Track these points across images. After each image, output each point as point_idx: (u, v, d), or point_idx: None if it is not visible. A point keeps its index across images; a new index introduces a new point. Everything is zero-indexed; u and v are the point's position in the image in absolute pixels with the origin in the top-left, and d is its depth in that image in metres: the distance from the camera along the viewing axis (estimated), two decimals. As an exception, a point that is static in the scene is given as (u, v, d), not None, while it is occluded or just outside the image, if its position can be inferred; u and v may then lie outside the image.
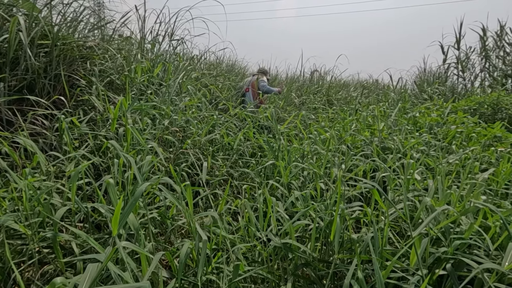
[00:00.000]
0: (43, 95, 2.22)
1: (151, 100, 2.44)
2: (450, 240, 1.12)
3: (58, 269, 1.08)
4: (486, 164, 2.02)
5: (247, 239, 1.36)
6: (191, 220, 1.13)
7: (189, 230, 1.45)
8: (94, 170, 1.87)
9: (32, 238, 1.07)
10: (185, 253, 0.99)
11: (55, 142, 1.91)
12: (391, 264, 0.91)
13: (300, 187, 1.77)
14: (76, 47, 2.49)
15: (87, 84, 2.34)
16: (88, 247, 1.18)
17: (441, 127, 2.69)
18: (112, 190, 1.01)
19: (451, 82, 5.19)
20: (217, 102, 3.30)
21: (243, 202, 1.48)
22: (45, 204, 1.12)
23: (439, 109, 3.32)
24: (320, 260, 1.20)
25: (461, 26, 5.03)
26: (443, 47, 5.27)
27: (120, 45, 3.07)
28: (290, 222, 1.16)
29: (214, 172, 2.15)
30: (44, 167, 1.32)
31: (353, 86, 6.29)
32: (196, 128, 2.25)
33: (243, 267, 1.11)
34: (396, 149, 2.00)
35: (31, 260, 1.09)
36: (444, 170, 1.58)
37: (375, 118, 2.65)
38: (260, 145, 2.49)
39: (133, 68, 2.58)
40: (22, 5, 2.26)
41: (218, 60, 5.55)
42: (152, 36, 3.32)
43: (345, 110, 3.48)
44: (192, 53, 4.18)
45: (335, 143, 2.13)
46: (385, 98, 4.67)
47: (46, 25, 2.27)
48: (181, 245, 1.29)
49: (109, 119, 2.10)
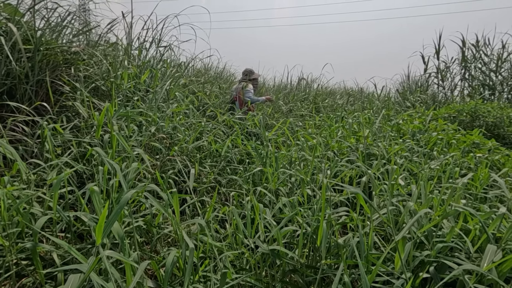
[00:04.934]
0: (24, 101, 2.15)
1: (137, 107, 2.41)
2: (432, 244, 1.15)
3: (38, 281, 1.04)
4: (465, 169, 2.10)
5: (235, 247, 1.35)
6: (178, 228, 1.11)
7: (175, 239, 1.42)
8: (78, 178, 1.82)
9: (10, 250, 1.03)
10: (171, 262, 0.97)
11: (36, 150, 1.85)
12: (376, 268, 0.92)
13: (287, 193, 1.78)
14: (60, 52, 2.45)
15: (71, 90, 2.29)
16: (69, 257, 1.14)
17: (423, 134, 2.78)
18: (96, 198, 0.99)
19: (432, 90, 5.39)
20: (205, 108, 3.29)
21: (231, 209, 1.47)
22: (25, 213, 1.08)
23: (421, 116, 3.44)
24: (308, 266, 1.20)
25: (440, 38, 5.26)
26: (423, 57, 5.48)
27: (106, 51, 3.03)
28: (277, 228, 1.17)
29: (201, 179, 2.14)
30: (24, 175, 1.28)
31: (339, 94, 6.42)
32: (184, 135, 2.23)
33: (231, 275, 1.10)
34: (380, 155, 2.05)
35: (8, 272, 1.04)
36: (426, 175, 1.63)
37: (360, 125, 2.71)
38: (248, 151, 2.49)
39: (119, 74, 2.54)
40: (4, 9, 2.21)
41: (206, 67, 5.56)
42: (139, 42, 3.30)
43: (331, 117, 3.55)
44: (180, 60, 4.17)
45: (322, 149, 2.16)
46: (370, 106, 4.79)
47: (29, 30, 2.22)
48: (167, 253, 1.26)
49: (93, 125, 2.06)
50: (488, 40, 5.09)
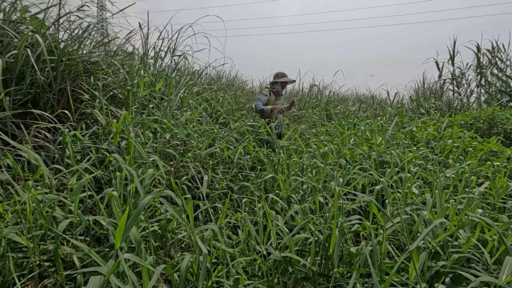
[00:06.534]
0: (47, 109, 2.26)
1: (152, 114, 2.48)
2: (448, 254, 1.13)
3: (59, 282, 1.08)
4: (483, 178, 2.04)
5: (247, 253, 1.36)
6: (192, 233, 1.14)
7: (189, 244, 1.45)
8: (95, 183, 1.88)
9: (34, 251, 1.08)
10: (185, 266, 1.00)
11: (57, 155, 1.93)
12: (390, 277, 0.91)
13: (299, 200, 1.78)
14: (81, 62, 2.56)
15: (90, 98, 2.39)
16: (88, 260, 1.18)
17: (438, 141, 2.73)
18: (115, 203, 1.03)
19: (446, 97, 5.29)
20: (217, 116, 3.34)
21: (243, 215, 1.49)
22: (48, 217, 1.13)
23: (436, 123, 3.37)
24: (320, 274, 1.20)
25: (454, 44, 5.18)
26: (438, 64, 5.40)
27: (123, 60, 3.15)
28: (289, 235, 1.17)
29: (214, 185, 2.17)
30: (47, 180, 1.34)
31: (351, 101, 6.39)
32: (197, 142, 2.28)
33: (243, 281, 1.11)
34: (394, 163, 2.03)
35: (32, 273, 1.09)
36: (441, 184, 1.60)
37: (373, 133, 2.69)
38: (260, 158, 2.51)
39: (136, 83, 2.63)
40: (31, 22, 2.34)
41: (218, 74, 5.66)
42: (155, 52, 3.41)
43: (343, 124, 3.53)
44: (193, 68, 4.27)
45: (334, 157, 2.16)
46: (383, 113, 4.74)
47: (53, 41, 2.34)
48: (181, 258, 1.29)
49: (111, 132, 2.13)
50: (503, 46, 4.97)
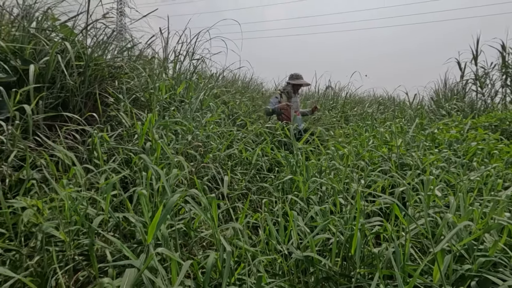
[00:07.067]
0: (75, 111, 2.38)
1: (173, 116, 2.56)
2: (474, 258, 1.11)
3: (92, 275, 1.15)
4: (509, 181, 1.98)
5: (267, 253, 1.39)
6: (216, 232, 1.18)
7: (213, 242, 1.49)
8: (120, 183, 1.97)
9: (69, 245, 1.15)
10: (211, 263, 1.03)
11: (85, 156, 2.04)
12: (414, 278, 0.92)
13: (318, 202, 1.79)
14: (106, 67, 2.68)
15: (114, 101, 2.49)
16: (117, 255, 1.24)
17: (461, 143, 2.65)
18: (145, 201, 1.09)
19: (469, 98, 5.12)
20: (235, 118, 3.40)
21: (263, 216, 1.52)
22: (81, 213, 1.20)
23: (458, 125, 3.28)
24: (342, 275, 1.21)
25: (477, 43, 5.01)
26: (459, 64, 5.24)
27: (145, 64, 3.26)
28: (311, 236, 1.19)
29: (233, 186, 2.21)
30: (80, 179, 1.42)
31: (368, 102, 6.30)
32: (216, 144, 2.33)
33: (266, 279, 1.14)
34: (414, 165, 2.00)
35: (67, 266, 1.17)
36: (465, 187, 1.57)
37: (392, 134, 2.65)
38: (277, 160, 2.54)
39: (157, 86, 2.72)
40: (61, 30, 2.48)
41: (234, 77, 5.74)
42: (175, 56, 3.51)
43: (360, 126, 3.49)
44: (211, 71, 4.36)
45: (353, 159, 2.15)
46: (401, 114, 4.64)
47: (81, 48, 2.47)
48: (204, 256, 1.33)
49: (135, 134, 2.22)
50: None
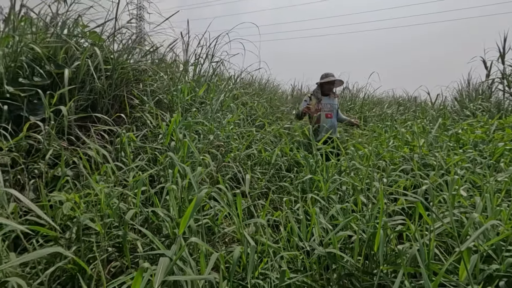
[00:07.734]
0: (103, 113, 2.51)
1: (194, 117, 2.64)
2: (502, 258, 1.09)
3: (125, 265, 1.22)
4: (540, 183, 1.90)
5: (289, 249, 1.41)
6: (241, 227, 1.22)
7: (235, 238, 1.54)
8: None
9: (104, 237, 1.23)
10: (237, 256, 1.08)
11: (113, 155, 2.15)
12: (439, 276, 0.92)
13: (338, 201, 1.80)
14: (131, 70, 2.81)
15: (139, 103, 2.61)
16: (147, 247, 1.31)
17: (487, 144, 2.57)
18: (173, 195, 1.14)
19: (496, 98, 4.91)
20: (253, 119, 3.45)
21: (285, 213, 1.55)
22: (114, 207, 1.28)
23: (484, 126, 3.17)
24: (364, 272, 1.22)
25: (505, 41, 4.81)
26: (485, 62, 5.05)
27: (167, 67, 3.38)
28: (333, 232, 1.21)
29: (253, 185, 2.25)
30: (112, 176, 1.51)
31: (387, 103, 6.18)
32: (237, 144, 2.39)
33: (289, 274, 1.17)
34: (438, 165, 1.97)
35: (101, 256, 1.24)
36: (492, 188, 1.53)
37: (414, 135, 2.61)
38: (296, 160, 2.56)
39: (180, 88, 2.82)
40: (90, 36, 2.62)
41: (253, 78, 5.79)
42: (195, 58, 3.61)
43: (380, 126, 3.45)
44: (229, 73, 4.44)
45: (373, 159, 2.14)
46: (423, 115, 4.53)
47: (108, 53, 2.60)
48: (228, 251, 1.38)
49: (159, 134, 2.32)
50: None
